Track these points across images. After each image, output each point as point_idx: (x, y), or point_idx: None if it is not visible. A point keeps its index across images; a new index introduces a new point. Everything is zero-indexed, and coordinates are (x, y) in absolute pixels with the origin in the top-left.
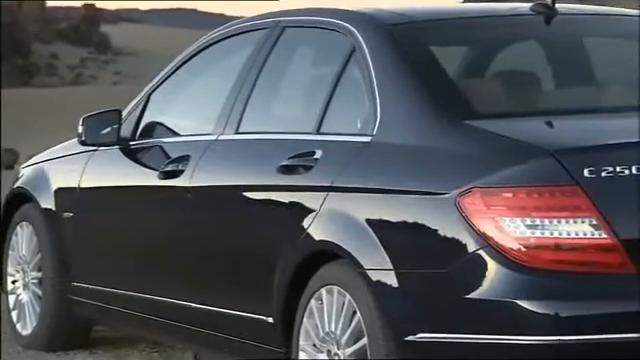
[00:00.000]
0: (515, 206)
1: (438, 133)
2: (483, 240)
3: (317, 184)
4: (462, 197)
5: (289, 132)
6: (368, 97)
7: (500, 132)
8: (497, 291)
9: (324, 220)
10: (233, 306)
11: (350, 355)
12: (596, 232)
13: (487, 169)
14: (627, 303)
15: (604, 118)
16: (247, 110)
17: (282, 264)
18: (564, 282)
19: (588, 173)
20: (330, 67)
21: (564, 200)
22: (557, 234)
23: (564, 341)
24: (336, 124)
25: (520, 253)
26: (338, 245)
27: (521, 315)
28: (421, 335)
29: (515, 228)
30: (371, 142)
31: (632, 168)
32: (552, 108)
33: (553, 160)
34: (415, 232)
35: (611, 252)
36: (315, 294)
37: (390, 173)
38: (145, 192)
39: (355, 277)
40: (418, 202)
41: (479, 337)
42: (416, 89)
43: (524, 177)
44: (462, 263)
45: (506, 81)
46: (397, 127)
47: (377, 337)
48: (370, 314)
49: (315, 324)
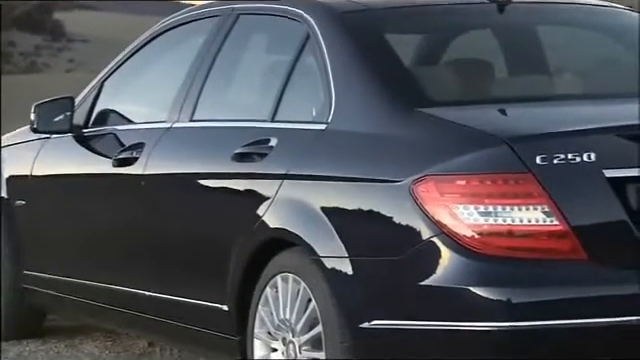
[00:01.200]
0: (468, 193)
1: (392, 121)
2: (437, 227)
3: (272, 172)
4: (416, 185)
5: (244, 120)
6: (323, 85)
7: (454, 120)
8: (451, 278)
9: (279, 208)
10: (188, 294)
11: (305, 342)
12: (548, 219)
13: (441, 157)
14: (578, 289)
15: (557, 106)
16: (201, 98)
17: (237, 252)
18: (517, 268)
19: (540, 160)
20: (285, 55)
21: (516, 187)
22: (510, 221)
23: (516, 327)
24: (291, 112)
25: (473, 240)
26: (293, 233)
27: (474, 301)
28: (376, 322)
29: (468, 215)
30: (326, 130)
31: (583, 155)
32: (505, 96)
33: (506, 147)
34: (370, 220)
35: (562, 238)
36: (270, 282)
37: (345, 161)
38: (98, 180)
39: (310, 265)
40: (373, 190)
41: (433, 324)
42: (370, 77)
43: (477, 164)
44: (416, 250)
45: (460, 69)
46: (352, 115)
47: (332, 324)
48: (325, 301)
49: (270, 312)
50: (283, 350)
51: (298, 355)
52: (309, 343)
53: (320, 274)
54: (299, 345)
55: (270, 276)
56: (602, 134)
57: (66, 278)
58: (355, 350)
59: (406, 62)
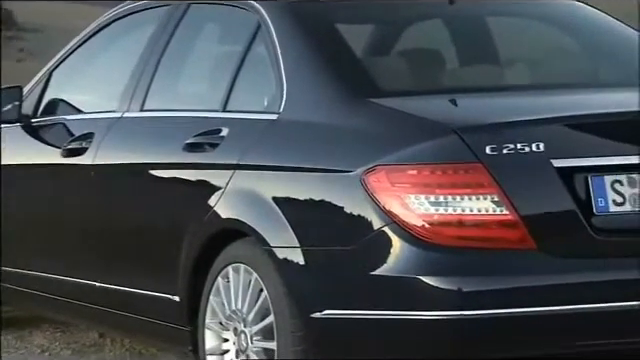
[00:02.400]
0: (419, 183)
1: (344, 111)
2: (388, 217)
3: (223, 162)
4: (367, 175)
5: (195, 110)
6: (274, 75)
7: (404, 110)
8: (402, 267)
9: (230, 198)
10: (139, 285)
11: (257, 333)
12: (498, 208)
13: (392, 147)
14: (527, 278)
15: (506, 96)
16: (152, 87)
17: (188, 242)
18: (467, 258)
19: (490, 150)
20: (236, 44)
21: (467, 177)
22: (460, 211)
23: (466, 316)
24: (242, 102)
25: (424, 230)
26: (244, 223)
27: (425, 291)
28: (327, 312)
29: (419, 205)
30: (277, 120)
31: (532, 145)
32: (456, 86)
33: (456, 138)
34: (321, 210)
35: (512, 228)
36: (221, 272)
37: (296, 151)
38: (47, 170)
39: (261, 255)
40: (324, 180)
41: (384, 313)
42: (322, 67)
43: (428, 154)
44: (368, 240)
45: (411, 59)
46: (303, 105)
47: (283, 314)
48: (276, 292)
49: (221, 302)
50: (235, 340)
51: (250, 345)
52: (261, 333)
53: (272, 264)
54: (251, 335)
55: (222, 266)
56: (551, 124)
57: (16, 269)
58: (307, 340)
59: (357, 52)
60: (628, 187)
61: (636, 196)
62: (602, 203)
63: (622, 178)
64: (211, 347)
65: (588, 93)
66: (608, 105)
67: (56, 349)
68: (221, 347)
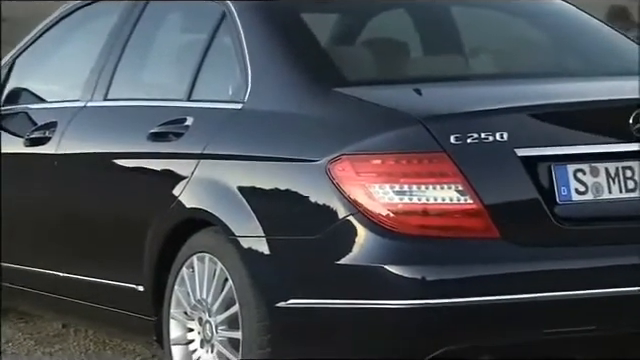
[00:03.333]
0: (384, 173)
1: (309, 100)
2: (353, 206)
3: (188, 151)
4: (332, 164)
5: (159, 99)
6: (239, 64)
7: (369, 99)
8: (366, 256)
9: (195, 188)
10: (103, 275)
11: (222, 322)
12: (462, 198)
13: (356, 136)
14: (491, 266)
15: (471, 86)
16: (116, 76)
17: (153, 232)
18: (431, 247)
19: (454, 140)
20: (200, 34)
21: (431, 166)
22: (424, 200)
23: (430, 304)
24: (207, 91)
25: (389, 219)
26: (209, 212)
27: (390, 280)
28: (292, 301)
29: (384, 194)
30: (242, 109)
31: (496, 135)
32: (420, 76)
33: (420, 127)
34: (287, 199)
35: (476, 217)
36: (186, 262)
37: (261, 140)
38: (10, 160)
39: (226, 244)
40: (289, 169)
41: (349, 302)
42: (287, 56)
43: (392, 144)
44: (333, 229)
45: (376, 49)
46: (268, 94)
47: (248, 304)
48: (241, 281)
49: (186, 292)
50: (199, 330)
51: (215, 335)
52: (226, 323)
53: (237, 254)
54: (216, 325)
55: (186, 256)
56: (514, 114)
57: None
58: (272, 329)
59: (323, 42)
60: (590, 176)
61: (598, 185)
62: (565, 192)
63: (584, 167)
64: (176, 337)
65: (552, 83)
66: (571, 95)
67: (19, 339)
68: (186, 337)
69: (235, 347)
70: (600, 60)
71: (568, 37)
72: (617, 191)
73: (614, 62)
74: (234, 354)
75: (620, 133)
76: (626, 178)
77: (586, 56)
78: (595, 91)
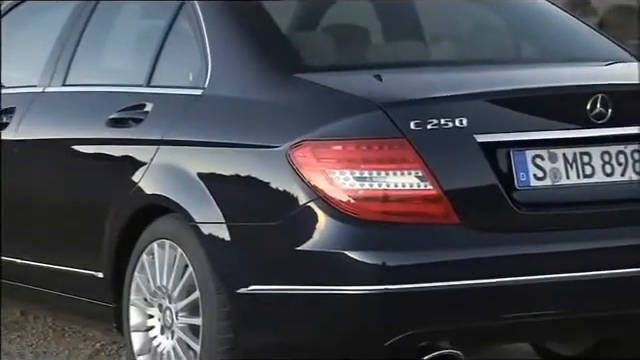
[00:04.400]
0: (344, 159)
1: (269, 86)
2: (314, 192)
3: (147, 137)
4: (293, 150)
5: (118, 84)
6: (199, 50)
7: (330, 85)
8: (327, 242)
9: (155, 174)
10: (62, 262)
11: (182, 309)
12: (422, 183)
13: (317, 122)
14: (451, 252)
15: (431, 72)
16: (74, 62)
17: (112, 219)
18: (391, 232)
19: (414, 126)
20: (160, 19)
21: (391, 152)
22: (385, 186)
23: (391, 290)
24: (167, 77)
25: (349, 205)
26: (169, 199)
27: (350, 265)
28: (253, 287)
29: (345, 180)
30: (202, 95)
31: (455, 121)
32: (381, 62)
33: (381, 113)
34: (247, 185)
35: (436, 203)
36: (146, 248)
37: (222, 126)
38: None
39: (186, 231)
40: (250, 155)
41: (310, 288)
42: (247, 42)
43: (353, 130)
44: (293, 215)
45: (336, 35)
46: (229, 80)
47: (209, 290)
48: (202, 267)
49: (146, 278)
50: (160, 317)
51: (175, 321)
52: (186, 309)
53: (197, 240)
54: (176, 311)
55: (146, 243)
56: (474, 100)
57: None
58: (232, 315)
59: (283, 27)
60: (549, 162)
61: (556, 171)
62: (523, 178)
63: (543, 153)
64: (136, 324)
65: (511, 69)
66: (530, 81)
67: None
68: (146, 323)
69: (195, 333)
70: (559, 46)
71: (527, 23)
72: (575, 177)
73: (572, 48)
74: (194, 340)
75: (578, 119)
76: (584, 164)
77: (545, 42)
78: (554, 77)
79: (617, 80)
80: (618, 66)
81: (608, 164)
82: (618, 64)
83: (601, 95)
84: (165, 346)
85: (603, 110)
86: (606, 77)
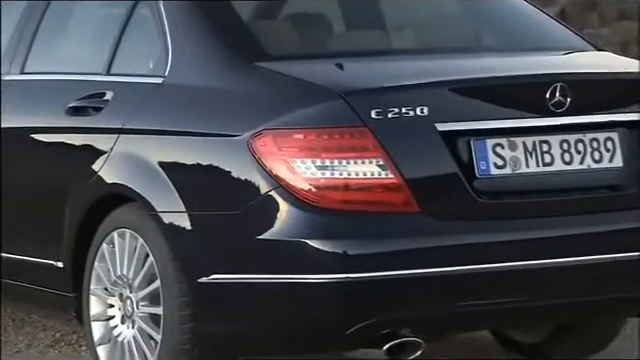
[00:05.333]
0: (306, 147)
1: (230, 75)
2: (275, 181)
3: (108, 126)
4: (254, 139)
5: (78, 73)
6: (159, 38)
7: (291, 74)
8: (289, 231)
9: (115, 163)
10: (21, 251)
11: (143, 298)
12: (383, 172)
13: (278, 111)
14: (411, 240)
15: (393, 60)
16: (33, 50)
17: (72, 208)
18: (353, 221)
19: (375, 114)
20: (120, 7)
21: (352, 141)
22: (346, 174)
23: (352, 278)
24: (127, 65)
25: (311, 194)
26: (130, 188)
27: (311, 254)
28: (215, 276)
29: (306, 169)
30: (163, 84)
31: (416, 109)
32: (342, 50)
33: (342, 102)
34: (208, 174)
35: (397, 191)
36: (107, 238)
37: (183, 115)
38: None
39: (147, 220)
40: (211, 144)
41: (272, 277)
42: (208, 30)
43: (314, 119)
44: (255, 204)
45: (298, 23)
46: (189, 69)
47: (170, 279)
48: (163, 257)
49: (107, 268)
50: (120, 306)
51: (136, 311)
52: (147, 298)
53: (158, 229)
54: (137, 301)
55: (107, 232)
56: (435, 88)
57: None
58: (194, 305)
59: (244, 16)
60: (509, 150)
61: (516, 159)
62: (484, 166)
63: (503, 141)
64: (96, 313)
65: (472, 58)
66: (490, 70)
67: None
68: (106, 313)
69: (156, 323)
70: (519, 36)
71: (488, 13)
72: (534, 165)
73: (532, 38)
74: (155, 330)
75: (537, 108)
76: (543, 152)
77: (505, 32)
78: (514, 66)
79: (576, 69)
80: (577, 55)
81: (567, 152)
82: (577, 53)
83: (560, 84)
84: (126, 336)
85: (562, 99)
86: (565, 66)
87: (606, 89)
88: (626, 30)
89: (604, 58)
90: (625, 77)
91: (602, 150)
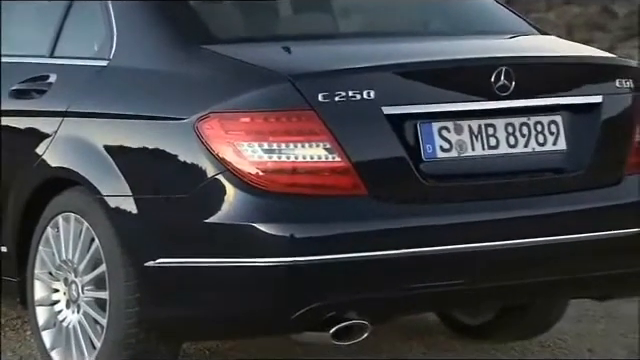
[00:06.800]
0: (253, 131)
1: (176, 58)
2: (222, 165)
3: (51, 109)
4: (200, 122)
5: (20, 55)
6: (104, 20)
7: (238, 57)
8: (236, 215)
9: (60, 146)
10: None
11: (88, 282)
12: (330, 156)
13: (225, 94)
14: (359, 224)
15: (340, 44)
16: None
17: (16, 192)
18: (300, 205)
19: (322, 98)
20: None
21: (299, 124)
22: (293, 158)
23: (300, 262)
24: (71, 48)
25: (258, 177)
26: (74, 171)
27: (259, 238)
28: (161, 260)
29: (253, 152)
30: (108, 66)
31: (363, 93)
32: (289, 34)
33: (289, 85)
34: (154, 158)
35: (344, 175)
36: (51, 222)
37: (128, 98)
38: None
39: (93, 204)
40: (157, 127)
41: (219, 261)
42: (154, 13)
43: (261, 102)
44: (201, 188)
45: (244, 6)
46: (134, 51)
47: (116, 264)
48: (108, 241)
49: (51, 252)
50: (65, 290)
51: (81, 295)
52: (92, 283)
53: (103, 213)
54: (82, 285)
55: (51, 216)
56: (381, 72)
57: None
58: (140, 289)
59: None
60: (454, 134)
61: (462, 142)
62: (430, 149)
63: (449, 125)
64: (40, 298)
65: (418, 42)
66: (437, 53)
67: None
68: (51, 298)
69: (102, 307)
70: (465, 20)
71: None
72: (480, 148)
73: (478, 22)
74: (101, 314)
75: (483, 91)
76: (488, 135)
77: (451, 15)
78: (459, 50)
79: (521, 53)
80: (522, 39)
81: (512, 135)
82: (522, 37)
83: (505, 68)
84: (71, 320)
85: (507, 82)
86: (510, 50)
87: (550, 73)
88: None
89: (549, 42)
90: (569, 61)
91: (546, 133)
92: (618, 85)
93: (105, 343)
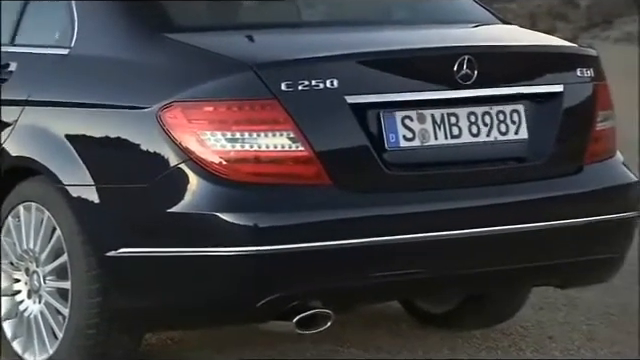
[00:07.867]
0: (216, 120)
1: (138, 46)
2: (185, 154)
3: (12, 98)
4: (163, 111)
5: None
6: (65, 8)
7: (200, 46)
8: (199, 204)
9: (20, 135)
10: None
11: (50, 272)
12: (293, 145)
13: (188, 83)
14: (323, 213)
15: (303, 33)
16: None
17: None
18: (263, 194)
19: (285, 87)
20: None
21: (263, 114)
22: (256, 147)
23: (263, 251)
24: (32, 36)
25: (221, 166)
26: (35, 161)
27: (222, 227)
28: (123, 250)
29: (216, 142)
30: (69, 55)
31: (326, 82)
32: (252, 22)
33: (252, 74)
34: (116, 147)
35: (307, 164)
36: (12, 211)
37: (90, 87)
38: None
39: (54, 193)
40: (119, 116)
41: (182, 250)
42: (115, 1)
43: (224, 91)
44: (164, 177)
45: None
46: (96, 40)
47: (77, 253)
48: (70, 230)
49: (12, 242)
50: (26, 280)
51: (42, 285)
52: (54, 272)
53: (65, 203)
54: (43, 275)
55: (12, 205)
56: (345, 61)
57: None
58: (102, 278)
59: None
60: (417, 123)
61: (425, 131)
62: (393, 139)
63: (412, 114)
64: (2, 288)
65: (381, 31)
66: (400, 43)
67: None
68: (12, 288)
69: (64, 297)
70: (427, 9)
71: None
72: (442, 137)
73: (440, 11)
74: (63, 304)
75: (446, 80)
76: (451, 125)
77: (413, 5)
78: (422, 39)
79: (483, 42)
80: (485, 28)
81: (474, 125)
82: (485, 26)
83: (467, 57)
84: (32, 310)
85: (469, 72)
86: (472, 39)
87: (512, 62)
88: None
89: (511, 31)
90: (531, 50)
91: (508, 122)
92: (579, 74)
93: (67, 333)
